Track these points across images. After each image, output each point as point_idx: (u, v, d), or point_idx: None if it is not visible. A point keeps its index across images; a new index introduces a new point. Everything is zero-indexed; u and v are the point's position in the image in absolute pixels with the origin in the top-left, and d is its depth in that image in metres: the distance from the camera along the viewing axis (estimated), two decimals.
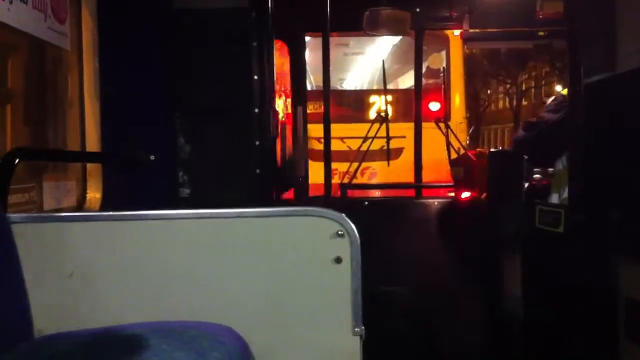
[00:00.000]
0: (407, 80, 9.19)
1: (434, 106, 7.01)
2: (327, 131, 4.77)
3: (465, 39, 4.97)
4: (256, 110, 3.26)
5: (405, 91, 8.22)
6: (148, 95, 3.22)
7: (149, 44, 3.24)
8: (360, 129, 6.47)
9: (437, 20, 5.04)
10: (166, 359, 1.91)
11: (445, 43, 8.05)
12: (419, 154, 5.45)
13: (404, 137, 6.38)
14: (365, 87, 10.12)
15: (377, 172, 7.06)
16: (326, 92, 4.70)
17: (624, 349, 2.98)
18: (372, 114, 7.87)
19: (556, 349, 3.55)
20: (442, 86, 7.14)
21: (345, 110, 8.19)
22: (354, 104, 8.79)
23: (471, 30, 4.86)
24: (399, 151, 6.86)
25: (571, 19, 3.28)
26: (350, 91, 10.44)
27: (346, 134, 6.70)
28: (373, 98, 8.33)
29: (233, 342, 2.20)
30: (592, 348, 3.17)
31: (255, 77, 3.28)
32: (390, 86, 8.65)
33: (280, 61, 5.37)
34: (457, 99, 7.80)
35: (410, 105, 6.43)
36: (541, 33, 4.72)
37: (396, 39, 8.62)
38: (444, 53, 8.07)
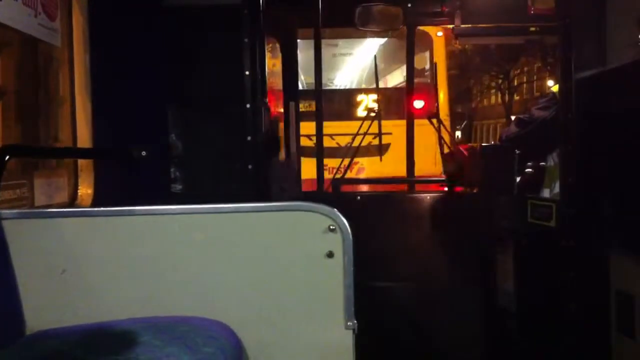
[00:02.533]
0: (393, 79, 9.40)
1: (420, 104, 7.12)
2: (319, 127, 4.77)
3: (457, 35, 4.95)
4: (248, 106, 3.26)
5: (392, 89, 8.55)
6: (139, 91, 3.21)
7: (141, 40, 3.23)
8: (348, 126, 6.62)
9: (428, 15, 5.04)
10: (158, 354, 1.91)
11: (429, 43, 8.38)
12: (411, 149, 5.46)
13: (391, 133, 6.74)
14: (353, 86, 10.23)
15: (365, 168, 7.22)
16: (318, 88, 4.70)
17: (616, 341, 2.99)
18: (360, 112, 8.23)
19: (549, 342, 3.56)
20: (432, 84, 7.41)
21: (334, 108, 8.22)
22: (343, 102, 8.92)
23: (463, 26, 4.86)
24: (386, 147, 7.14)
25: (562, 15, 3.29)
26: (339, 90, 10.53)
27: (335, 131, 6.73)
28: (361, 96, 8.62)
29: (226, 336, 2.20)
30: (584, 341, 3.18)
31: (247, 73, 3.27)
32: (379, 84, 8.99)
33: (271, 62, 5.40)
34: (441, 96, 8.07)
35: (396, 103, 7.01)
36: (533, 28, 4.73)
37: (382, 40, 8.95)
38: (427, 53, 8.49)
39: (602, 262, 3.02)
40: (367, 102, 8.50)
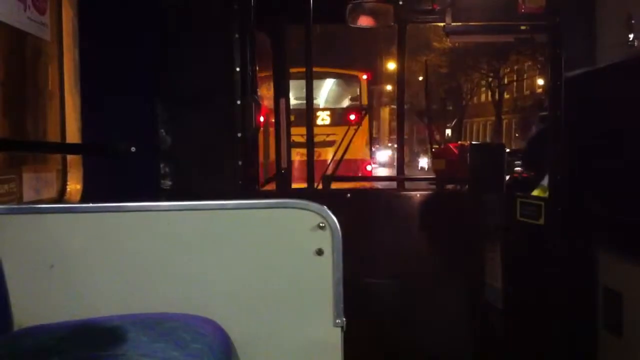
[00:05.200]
0: (341, 104, 15.80)
1: (353, 117, 13.44)
2: (309, 126, 4.77)
3: (448, 32, 4.95)
4: (238, 101, 3.25)
5: (337, 110, 15.00)
6: (129, 86, 3.20)
7: (130, 34, 3.21)
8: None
9: (419, 13, 5.05)
10: (146, 351, 1.90)
11: (359, 82, 15.11)
12: (401, 148, 5.48)
13: (335, 134, 11.49)
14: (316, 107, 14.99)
15: (320, 154, 9.98)
16: (308, 83, 4.69)
17: (602, 339, 3.01)
18: (319, 121, 14.03)
19: (536, 338, 3.58)
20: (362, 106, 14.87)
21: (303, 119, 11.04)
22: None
23: (453, 24, 4.87)
24: (333, 142, 11.17)
25: (552, 14, 3.30)
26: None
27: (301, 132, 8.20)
28: (319, 113, 14.34)
29: (214, 333, 2.20)
30: (571, 338, 3.20)
31: (238, 68, 3.26)
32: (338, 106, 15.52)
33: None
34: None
35: (339, 118, 14.05)
36: (523, 27, 4.74)
37: (334, 79, 15.65)
38: (358, 88, 15.10)
39: (590, 259, 3.04)
40: (322, 115, 14.42)
